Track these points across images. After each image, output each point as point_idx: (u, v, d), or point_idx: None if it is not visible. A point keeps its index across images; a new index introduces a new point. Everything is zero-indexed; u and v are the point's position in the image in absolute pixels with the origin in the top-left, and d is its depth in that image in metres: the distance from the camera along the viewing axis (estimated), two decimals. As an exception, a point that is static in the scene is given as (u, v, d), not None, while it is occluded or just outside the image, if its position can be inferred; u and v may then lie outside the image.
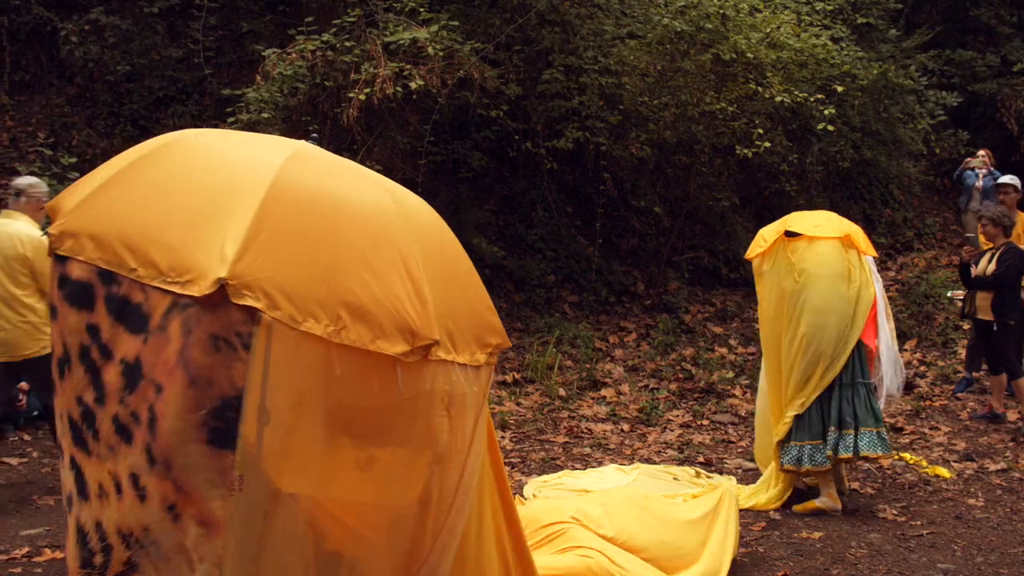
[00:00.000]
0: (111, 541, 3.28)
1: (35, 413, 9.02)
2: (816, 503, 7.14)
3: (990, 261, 9.44)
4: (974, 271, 9.56)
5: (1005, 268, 9.31)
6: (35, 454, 8.22)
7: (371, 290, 3.27)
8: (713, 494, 6.32)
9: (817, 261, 7.14)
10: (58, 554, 6.01)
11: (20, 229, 7.31)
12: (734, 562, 6.06)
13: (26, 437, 8.66)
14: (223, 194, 3.29)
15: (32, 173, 11.31)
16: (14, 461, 7.98)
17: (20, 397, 8.69)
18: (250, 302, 3.06)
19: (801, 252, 7.17)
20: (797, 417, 7.12)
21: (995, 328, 9.38)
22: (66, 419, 3.41)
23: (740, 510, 7.04)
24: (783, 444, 7.15)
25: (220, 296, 3.06)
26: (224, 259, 3.07)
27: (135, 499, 3.21)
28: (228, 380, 3.08)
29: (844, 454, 7.04)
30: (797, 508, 7.14)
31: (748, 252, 7.51)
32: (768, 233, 7.39)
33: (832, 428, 7.06)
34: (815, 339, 7.07)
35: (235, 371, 3.08)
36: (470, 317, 3.73)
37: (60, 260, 3.39)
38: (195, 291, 3.08)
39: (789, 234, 7.23)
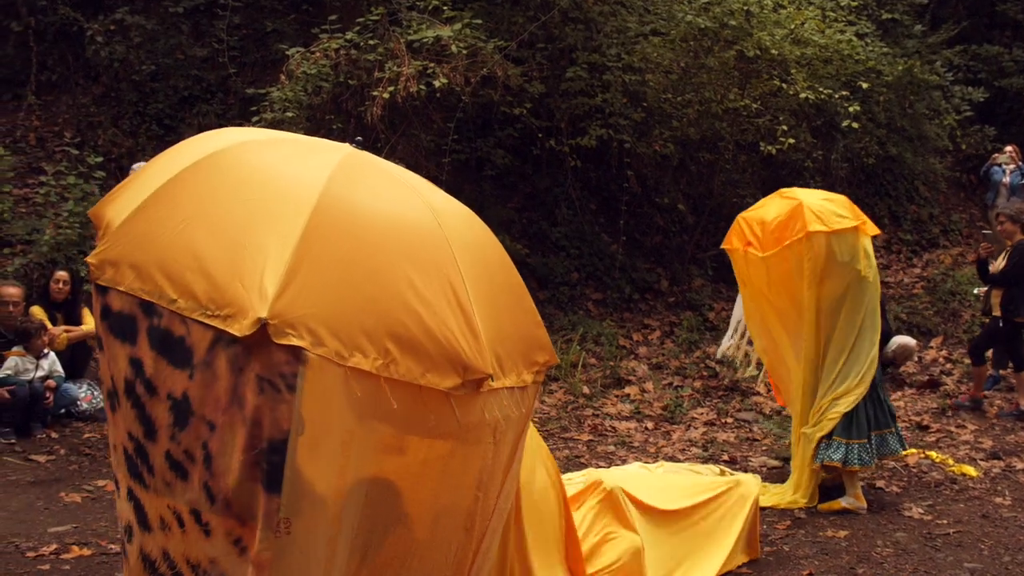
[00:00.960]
0: (181, 569, 3.23)
1: (62, 411, 9.10)
2: (842, 503, 7.10)
3: (1004, 258, 9.53)
4: (992, 268, 9.60)
5: (1012, 264, 9.38)
6: (62, 452, 8.28)
7: (420, 319, 3.14)
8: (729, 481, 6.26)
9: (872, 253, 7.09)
10: (86, 551, 6.05)
11: None
12: (758, 560, 6.05)
13: (53, 435, 8.72)
14: (264, 218, 3.15)
15: (58, 172, 11.43)
16: (42, 459, 8.04)
17: (47, 395, 8.76)
18: (294, 341, 2.93)
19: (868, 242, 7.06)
20: (845, 414, 6.99)
21: (1001, 325, 9.51)
22: (120, 451, 3.34)
23: (765, 508, 7.05)
24: (825, 440, 7.04)
25: (262, 335, 2.93)
26: (264, 296, 2.95)
27: (200, 533, 3.15)
28: (274, 423, 2.98)
29: (889, 454, 7.09)
30: (823, 507, 7.11)
31: (825, 224, 6.90)
32: (840, 208, 7.05)
33: (874, 429, 7.04)
34: (875, 331, 7.05)
35: (280, 413, 2.97)
36: (517, 336, 3.61)
37: (101, 290, 3.30)
38: (236, 330, 2.96)
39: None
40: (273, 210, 3.16)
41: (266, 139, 3.66)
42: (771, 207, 7.18)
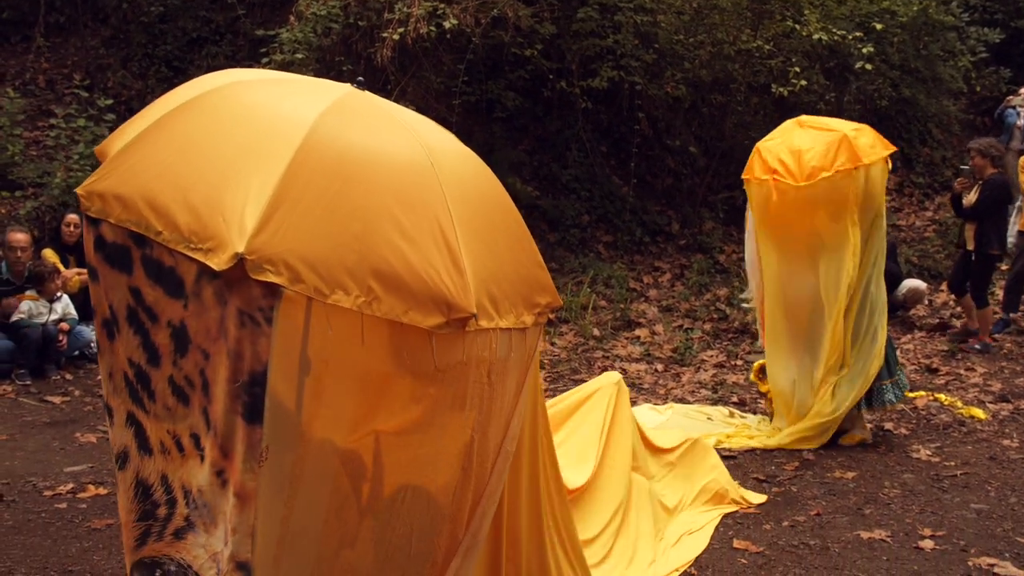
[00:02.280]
0: (176, 495, 3.27)
1: (76, 353, 9.17)
2: (858, 435, 7.25)
3: (976, 192, 9.74)
4: (965, 202, 9.83)
5: (983, 199, 9.60)
6: (77, 393, 8.36)
7: (405, 258, 3.09)
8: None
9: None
10: (101, 490, 6.13)
11: None
12: (767, 501, 6.11)
13: (68, 376, 8.80)
14: (251, 153, 3.12)
15: (69, 115, 11.42)
16: (57, 400, 8.12)
17: (61, 337, 8.83)
18: (271, 277, 2.91)
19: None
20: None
21: (974, 258, 9.77)
22: (120, 377, 3.36)
23: (772, 449, 7.11)
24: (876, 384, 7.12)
25: (240, 271, 2.91)
26: (243, 231, 2.92)
27: (197, 458, 3.20)
28: (254, 355, 2.99)
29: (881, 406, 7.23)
30: (844, 441, 7.23)
31: (870, 156, 6.80)
32: (871, 138, 6.94)
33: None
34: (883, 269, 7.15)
35: (260, 346, 2.98)
36: (517, 277, 3.55)
37: (93, 222, 3.30)
38: (215, 264, 2.94)
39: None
40: (260, 146, 3.15)
41: (265, 79, 3.64)
42: (800, 137, 7.03)
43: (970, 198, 9.78)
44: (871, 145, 6.84)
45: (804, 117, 7.39)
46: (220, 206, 3.01)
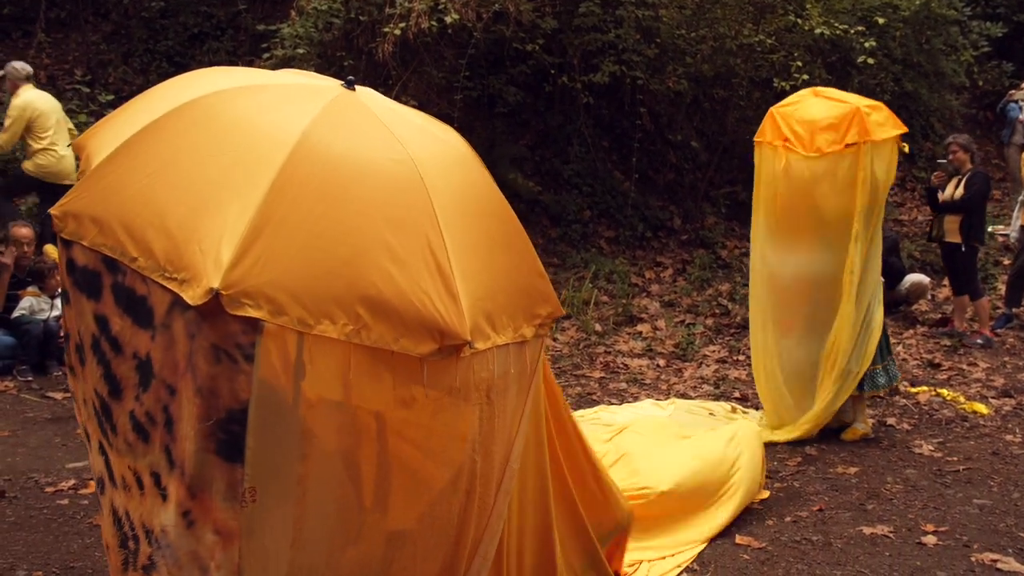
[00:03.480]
0: (138, 533, 3.16)
1: (78, 348, 9.16)
2: (860, 428, 7.24)
3: (957, 186, 9.85)
4: (941, 196, 9.96)
5: (972, 192, 9.74)
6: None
7: (395, 283, 2.99)
8: (720, 435, 6.23)
9: None
10: (104, 486, 6.13)
11: None
12: (769, 497, 6.10)
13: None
14: (231, 175, 3.00)
15: (70, 111, 11.41)
16: (58, 396, 8.11)
17: (61, 334, 8.80)
18: (250, 312, 2.80)
19: None
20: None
21: (962, 250, 9.85)
22: (91, 406, 3.28)
23: (775, 444, 7.09)
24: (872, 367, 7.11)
25: (215, 305, 2.80)
26: (219, 264, 2.80)
27: (157, 497, 3.07)
28: (231, 393, 2.88)
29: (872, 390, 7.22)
30: (846, 436, 7.22)
31: (886, 132, 6.77)
32: (883, 115, 6.88)
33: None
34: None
35: (238, 384, 2.88)
36: (515, 289, 3.46)
37: (66, 243, 3.20)
38: (189, 297, 2.83)
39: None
40: (241, 167, 3.02)
41: (249, 85, 3.48)
42: (815, 106, 6.96)
43: (956, 192, 9.86)
44: (883, 122, 6.80)
45: (820, 88, 7.37)
46: (197, 233, 2.90)
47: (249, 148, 3.07)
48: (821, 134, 6.75)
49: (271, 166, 2.98)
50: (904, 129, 6.89)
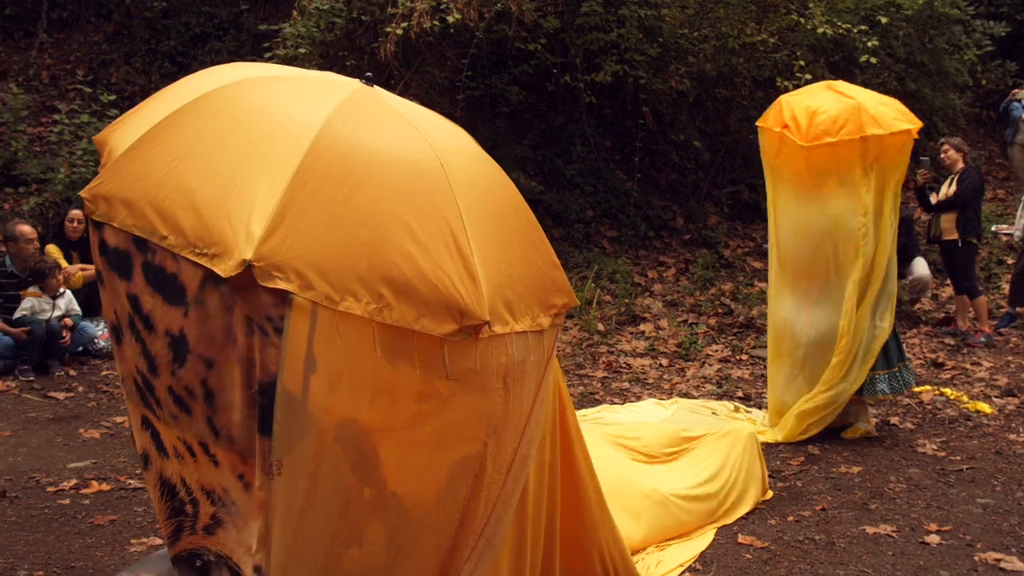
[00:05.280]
0: (197, 496, 3.24)
1: (79, 349, 9.17)
2: (861, 427, 7.23)
3: (950, 185, 9.96)
4: (934, 198, 10.07)
5: (964, 187, 9.83)
6: (81, 389, 8.36)
7: (416, 264, 3.05)
8: (722, 444, 6.19)
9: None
10: (104, 486, 6.12)
11: None
12: (771, 497, 6.08)
13: (72, 372, 8.80)
14: (257, 156, 3.08)
15: (72, 111, 11.42)
16: (61, 396, 8.12)
17: (64, 334, 8.82)
18: (280, 284, 2.88)
19: None
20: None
21: (960, 246, 9.93)
22: (131, 382, 3.34)
23: (777, 444, 7.08)
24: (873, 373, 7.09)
25: (248, 277, 2.88)
26: (251, 237, 2.88)
27: (210, 463, 3.16)
28: (262, 365, 2.96)
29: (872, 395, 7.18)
30: (847, 435, 7.20)
31: (883, 127, 6.72)
32: (895, 111, 6.88)
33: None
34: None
35: (268, 356, 2.95)
36: (531, 279, 3.50)
37: (97, 225, 3.27)
38: (221, 270, 2.91)
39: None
40: (267, 149, 3.10)
41: (270, 75, 3.58)
42: (822, 98, 6.98)
43: (950, 190, 9.96)
44: (891, 118, 6.78)
45: (836, 82, 7.35)
46: (226, 211, 2.97)
47: (274, 132, 3.17)
48: (819, 126, 6.76)
49: (296, 150, 3.06)
50: (917, 124, 6.85)
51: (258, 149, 3.11)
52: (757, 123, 7.31)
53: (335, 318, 2.98)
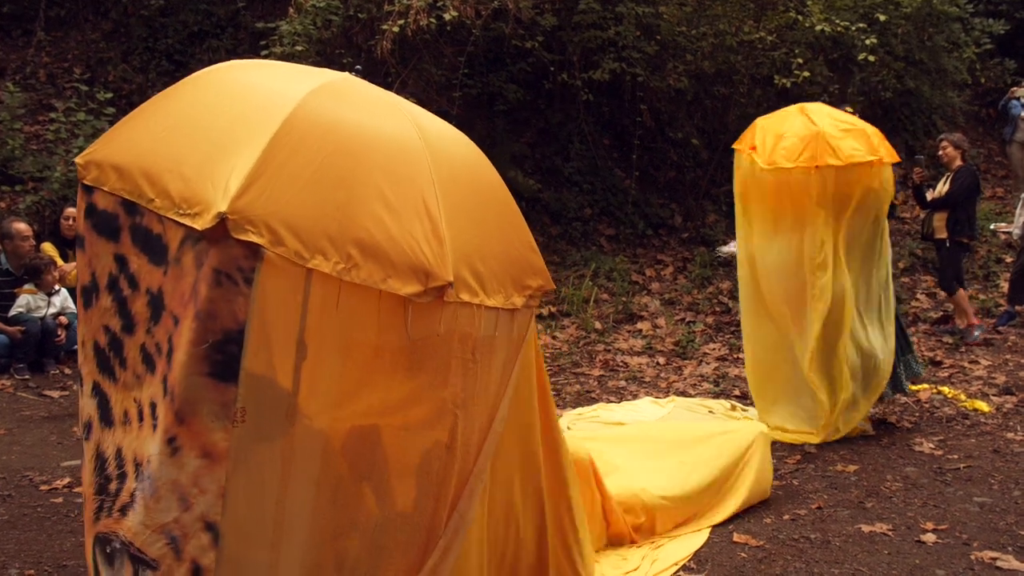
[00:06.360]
0: (127, 468, 3.30)
1: (75, 347, 9.14)
2: (859, 426, 7.23)
3: (945, 183, 10.00)
4: (930, 195, 10.07)
5: (956, 187, 9.87)
6: (75, 387, 8.32)
7: (386, 227, 3.17)
8: (740, 437, 6.17)
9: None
10: (98, 485, 6.11)
11: None
12: (770, 497, 6.06)
13: (66, 371, 8.79)
14: (240, 125, 3.22)
15: (69, 109, 11.40)
16: (55, 394, 8.10)
17: (59, 332, 8.80)
18: (252, 237, 2.98)
19: None
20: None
21: (947, 245, 9.99)
22: (91, 346, 3.45)
23: (772, 442, 7.05)
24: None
25: (222, 231, 2.98)
26: (227, 193, 2.98)
27: (150, 427, 3.22)
28: (230, 314, 3.03)
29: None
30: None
31: (833, 157, 6.77)
32: (857, 140, 6.89)
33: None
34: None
35: (237, 305, 3.03)
36: (506, 257, 3.61)
37: (87, 190, 3.42)
38: (199, 224, 3.01)
39: None
40: (252, 118, 3.24)
41: (260, 63, 3.82)
42: (791, 122, 7.03)
43: (941, 188, 10.02)
44: (851, 148, 6.77)
45: (810, 105, 7.33)
46: (210, 174, 3.09)
47: (258, 104, 3.32)
48: (779, 151, 6.85)
49: (278, 117, 3.18)
50: (876, 156, 6.81)
51: (244, 119, 3.25)
52: (733, 146, 7.36)
53: (304, 275, 3.10)
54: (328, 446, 3.32)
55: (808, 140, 6.78)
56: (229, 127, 3.23)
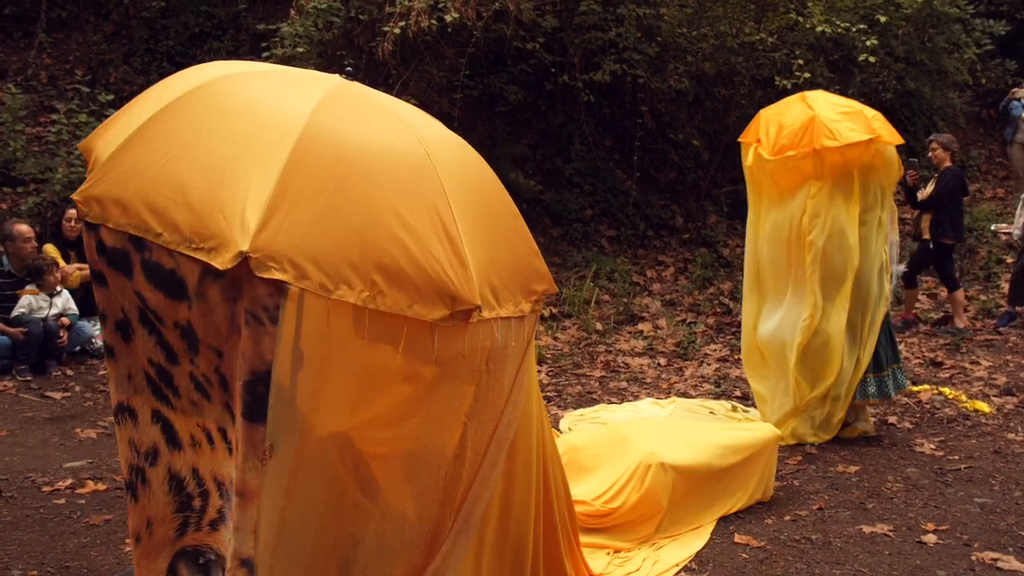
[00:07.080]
0: (208, 487, 3.29)
1: (77, 348, 9.16)
2: (860, 427, 7.23)
3: (932, 184, 10.15)
4: (921, 195, 10.20)
5: (939, 189, 10.02)
6: (77, 388, 8.34)
7: (407, 250, 3.10)
8: (753, 435, 6.18)
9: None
10: (100, 486, 6.11)
11: None
12: (771, 498, 6.07)
13: (68, 372, 8.79)
14: (246, 149, 3.12)
15: (70, 111, 11.41)
16: (57, 395, 8.11)
17: (61, 333, 8.81)
18: (276, 275, 2.91)
19: None
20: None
21: (931, 246, 10.15)
22: (141, 377, 3.37)
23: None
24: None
25: (244, 269, 2.92)
26: (246, 229, 2.92)
27: (226, 450, 3.20)
28: (257, 353, 2.98)
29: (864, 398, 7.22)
30: (845, 434, 7.19)
31: (831, 139, 6.76)
32: (855, 121, 6.91)
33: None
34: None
35: (263, 345, 2.98)
36: (514, 266, 3.58)
37: (91, 227, 3.29)
38: (219, 263, 2.95)
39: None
40: (256, 142, 3.14)
41: (252, 71, 3.64)
42: (792, 111, 7.07)
43: (927, 191, 10.14)
44: (849, 130, 6.80)
45: (811, 93, 7.38)
46: (219, 204, 3.01)
47: (260, 126, 3.20)
48: (782, 140, 6.89)
49: (285, 141, 3.10)
50: (873, 135, 6.83)
51: (247, 142, 3.15)
52: (739, 139, 7.38)
53: (325, 306, 3.04)
54: (335, 460, 3.29)
55: (807, 125, 6.83)
56: (233, 151, 3.14)
